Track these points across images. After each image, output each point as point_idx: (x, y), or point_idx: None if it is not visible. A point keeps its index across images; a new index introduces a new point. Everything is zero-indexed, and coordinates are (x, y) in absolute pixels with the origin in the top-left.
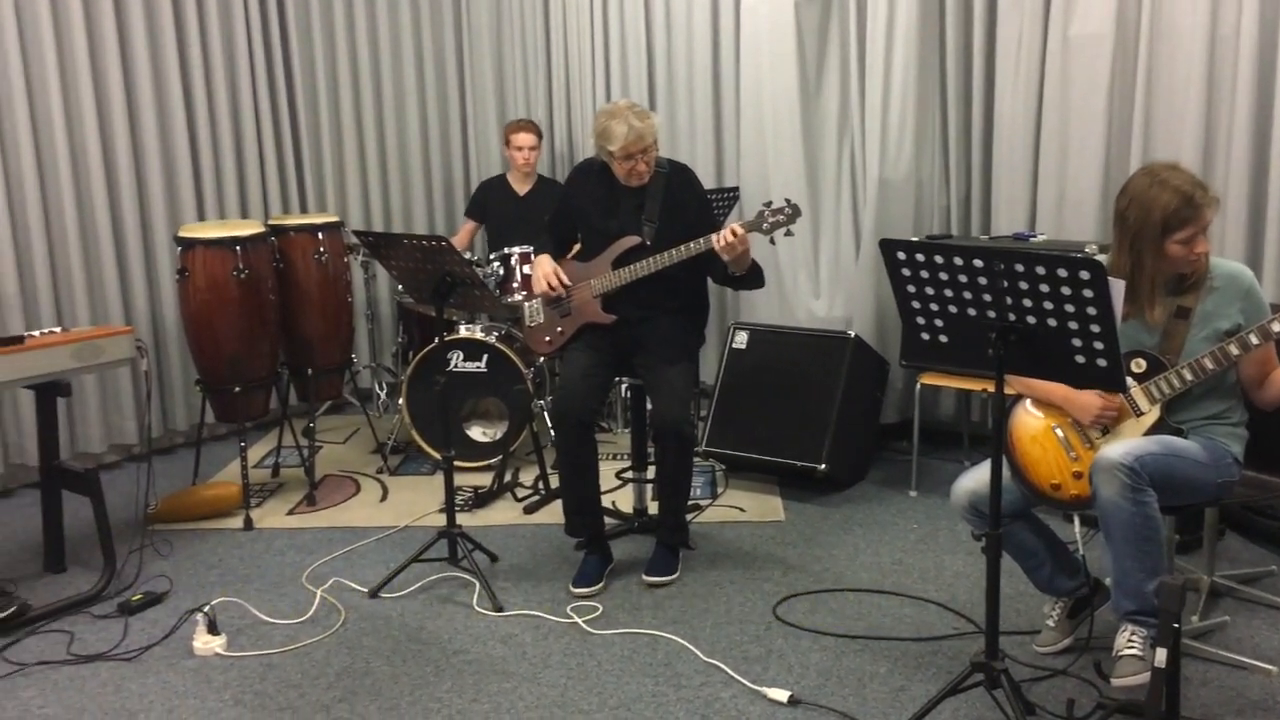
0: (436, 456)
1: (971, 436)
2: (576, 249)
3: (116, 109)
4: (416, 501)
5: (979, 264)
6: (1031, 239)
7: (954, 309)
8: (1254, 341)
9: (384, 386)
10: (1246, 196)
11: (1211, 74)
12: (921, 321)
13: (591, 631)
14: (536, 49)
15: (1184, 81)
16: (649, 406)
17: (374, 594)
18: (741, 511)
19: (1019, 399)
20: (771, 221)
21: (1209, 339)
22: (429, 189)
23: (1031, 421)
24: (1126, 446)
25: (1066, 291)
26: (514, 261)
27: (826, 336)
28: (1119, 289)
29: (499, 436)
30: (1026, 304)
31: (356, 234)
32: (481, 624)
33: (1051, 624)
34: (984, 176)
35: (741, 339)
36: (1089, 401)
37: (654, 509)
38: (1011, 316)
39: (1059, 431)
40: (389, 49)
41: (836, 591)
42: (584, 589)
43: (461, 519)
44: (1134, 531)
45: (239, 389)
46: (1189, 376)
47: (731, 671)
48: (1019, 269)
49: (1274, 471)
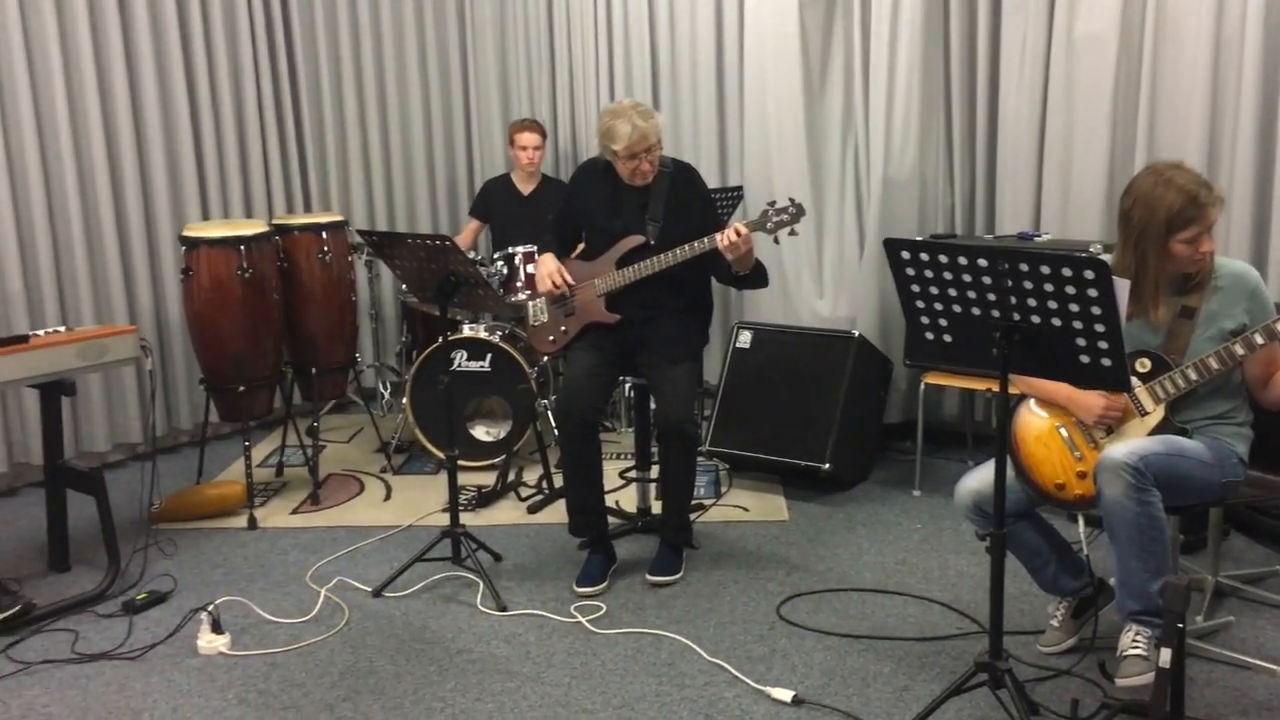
0: (440, 456)
1: (975, 436)
2: (580, 249)
3: (121, 108)
4: (420, 501)
5: (983, 263)
6: (1036, 238)
7: (958, 308)
8: (1259, 341)
9: (388, 386)
10: (1251, 196)
11: (1216, 74)
12: (925, 321)
13: (595, 631)
14: (540, 48)
15: (1188, 81)
16: (653, 406)
17: (378, 593)
18: (745, 511)
19: (1023, 399)
20: (775, 221)
21: (1214, 339)
22: (433, 188)
23: (1036, 421)
24: (1131, 446)
25: (1071, 291)
26: (518, 261)
27: (830, 336)
28: (1123, 288)
29: (503, 436)
30: (1031, 303)
31: (360, 233)
32: (485, 623)
33: (1056, 624)
34: (988, 176)
35: (745, 338)
36: (1092, 401)
37: (658, 508)
38: (1016, 316)
39: (1063, 431)
40: (393, 48)
41: (840, 591)
42: (588, 588)
43: (465, 518)
44: (1138, 531)
45: (243, 388)
46: (1194, 376)
47: (735, 671)
48: (1023, 268)
49: (1279, 471)
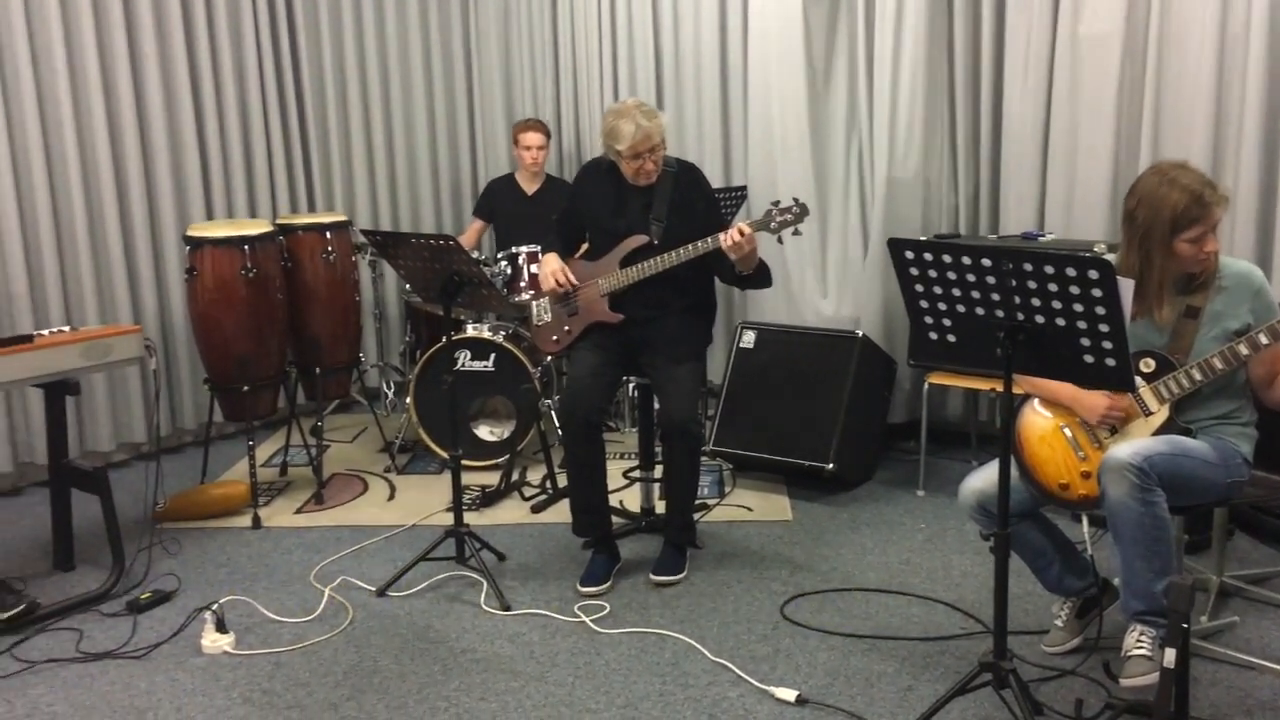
0: (444, 455)
1: (979, 436)
2: (584, 248)
3: (125, 109)
4: (424, 500)
5: (987, 263)
6: (1040, 238)
7: (962, 308)
8: (1264, 341)
9: (391, 385)
10: (1256, 195)
11: (1221, 73)
12: (929, 321)
13: (599, 631)
14: (544, 48)
15: (1193, 80)
16: (656, 406)
17: (382, 592)
18: (749, 511)
19: (1027, 398)
20: (779, 221)
21: (1218, 339)
22: (437, 188)
23: (1040, 421)
24: (1135, 446)
25: (1075, 291)
26: (521, 260)
27: (834, 336)
28: (1128, 288)
29: (506, 435)
30: (1035, 303)
31: (364, 233)
32: (489, 623)
33: (1060, 624)
34: (992, 176)
35: (749, 338)
36: (1095, 401)
37: (661, 508)
38: (1020, 316)
39: (1067, 431)
40: (397, 48)
41: (844, 591)
42: (591, 588)
43: (469, 518)
44: (1143, 531)
45: (247, 388)
46: (1198, 376)
47: (739, 671)
48: (1027, 268)
49: None
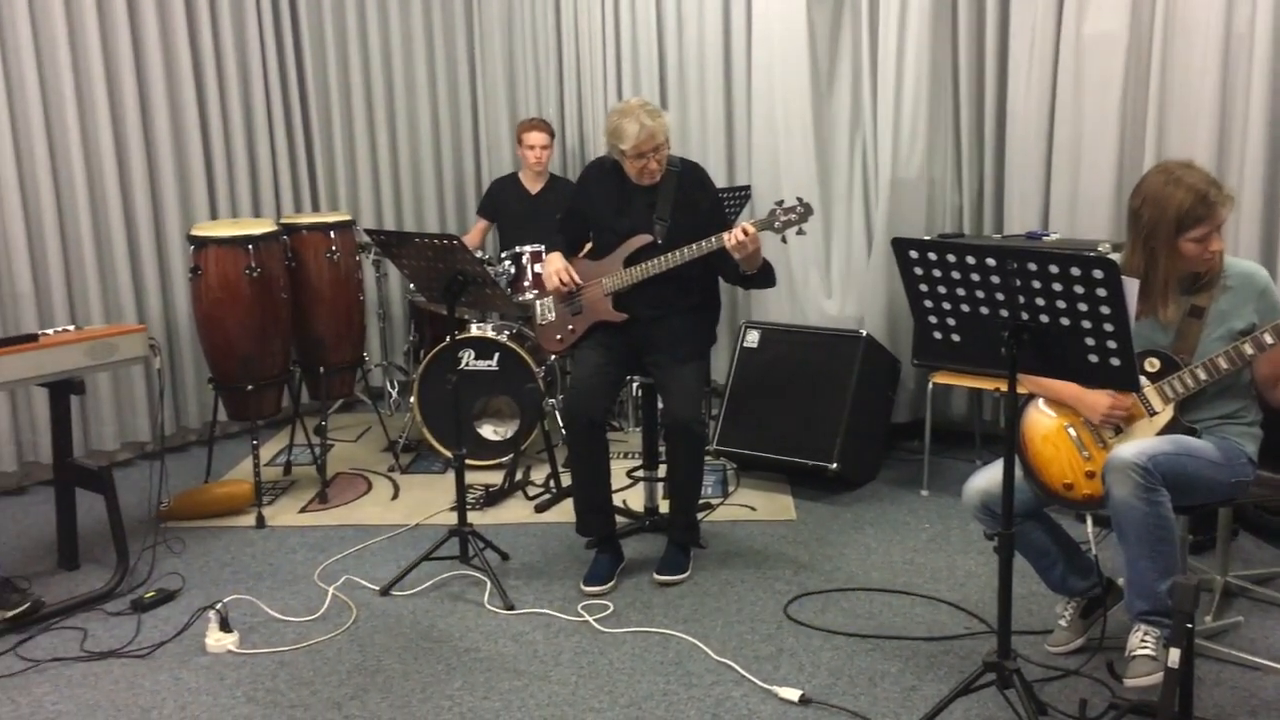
0: (448, 455)
1: (983, 436)
2: (588, 248)
3: (130, 109)
4: (428, 500)
5: (991, 263)
6: (1044, 238)
7: (966, 308)
8: (1268, 341)
9: (395, 385)
10: (1261, 194)
11: (1226, 72)
12: (934, 320)
13: (602, 630)
14: (548, 47)
15: (1198, 79)
16: (660, 405)
17: (385, 592)
18: (753, 510)
19: (1031, 398)
20: (783, 220)
21: (1223, 338)
22: (440, 188)
23: (1044, 421)
24: (1140, 446)
25: (1080, 290)
26: (525, 260)
27: (838, 335)
28: (1132, 288)
29: (510, 435)
30: (1039, 303)
31: (368, 232)
32: (492, 622)
33: (1064, 624)
34: (996, 175)
35: (753, 338)
36: (1098, 400)
37: (665, 508)
38: (1024, 316)
39: (1072, 431)
40: (400, 47)
41: (848, 591)
42: (595, 587)
43: (473, 517)
44: (1147, 531)
45: (251, 387)
46: (1203, 376)
47: (742, 670)
48: (1032, 268)
49: None
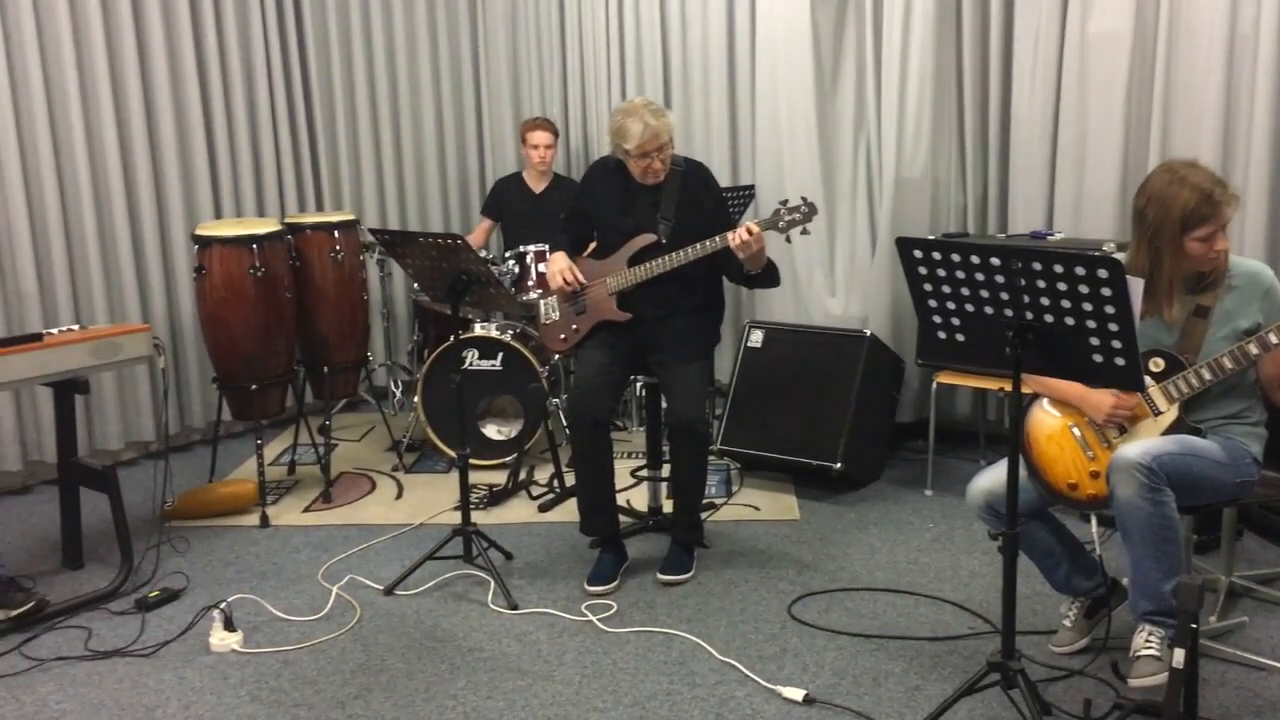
0: (451, 454)
1: (988, 435)
2: (592, 247)
3: (134, 108)
4: (431, 499)
5: (996, 263)
6: (1049, 237)
7: (971, 308)
8: (1274, 341)
9: (399, 384)
10: (1266, 194)
11: (1230, 71)
12: (938, 320)
13: (606, 630)
14: (552, 47)
15: (1203, 78)
16: (664, 405)
17: (389, 591)
18: (756, 510)
19: (1036, 398)
20: (787, 220)
21: (1228, 338)
22: (444, 187)
23: (1049, 420)
24: (1144, 446)
25: (1084, 290)
26: (529, 259)
27: (842, 335)
28: (1137, 287)
29: (514, 434)
30: (1044, 303)
31: (372, 232)
32: (496, 622)
33: (1068, 624)
34: (1001, 175)
35: (757, 337)
36: (1102, 400)
37: (669, 507)
38: (1029, 315)
39: (1076, 431)
40: (405, 47)
41: (852, 591)
42: (599, 587)
43: (476, 517)
44: (1152, 531)
45: (255, 387)
46: (1207, 376)
47: (746, 670)
48: (1036, 268)
49: None
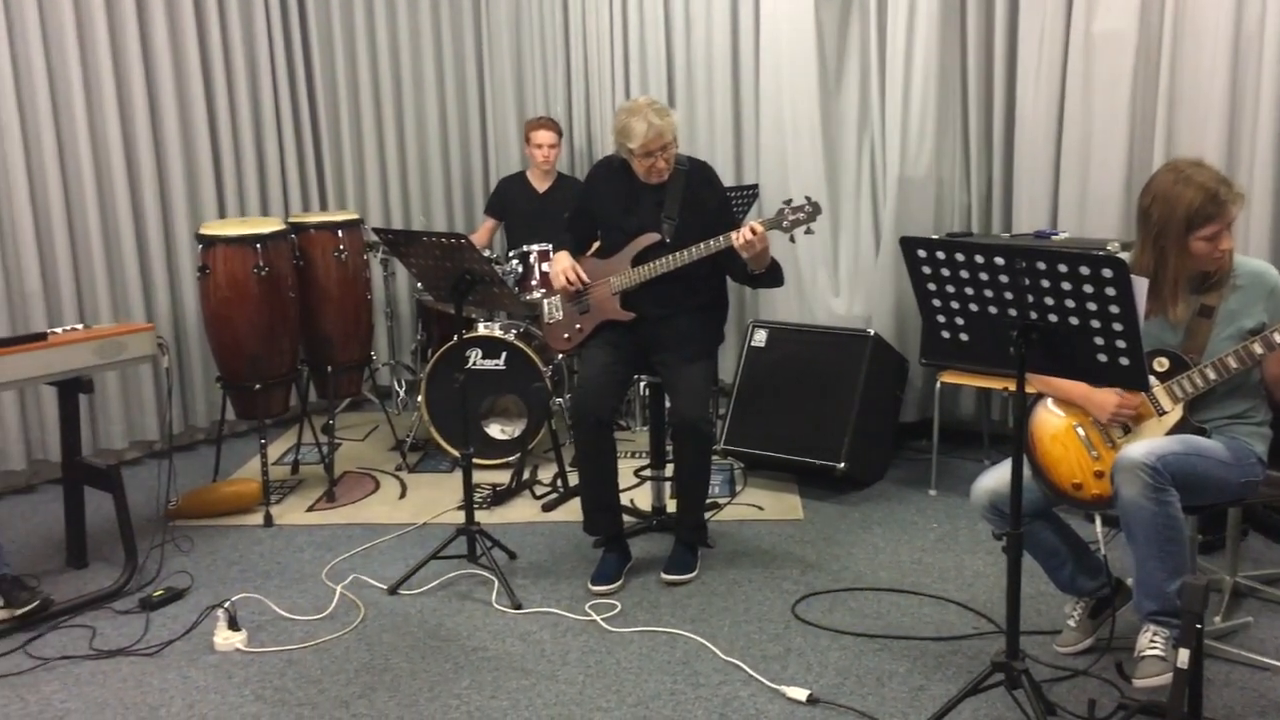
0: (455, 454)
1: (992, 435)
2: (596, 246)
3: (138, 107)
4: (435, 499)
5: (1000, 262)
6: (1053, 237)
7: (975, 307)
8: (1278, 340)
9: (403, 384)
10: (1271, 193)
11: (1235, 70)
12: (942, 320)
13: (610, 629)
14: (556, 46)
15: (1208, 78)
16: (668, 404)
17: (393, 590)
18: (760, 510)
19: (1040, 397)
20: (791, 219)
21: (1233, 338)
22: (448, 187)
23: (1053, 420)
24: (1149, 446)
25: (1089, 290)
26: (533, 259)
27: (846, 335)
28: (1142, 287)
29: (517, 434)
30: (1048, 302)
31: (376, 231)
32: (500, 621)
33: (1073, 624)
34: (1005, 174)
35: (761, 337)
36: (1106, 399)
37: (672, 507)
38: (1033, 315)
39: (1080, 430)
40: (409, 46)
41: (856, 590)
42: (602, 587)
43: (480, 516)
44: (1156, 531)
45: (259, 386)
46: (1212, 375)
47: (750, 670)
48: (1040, 267)
49: None
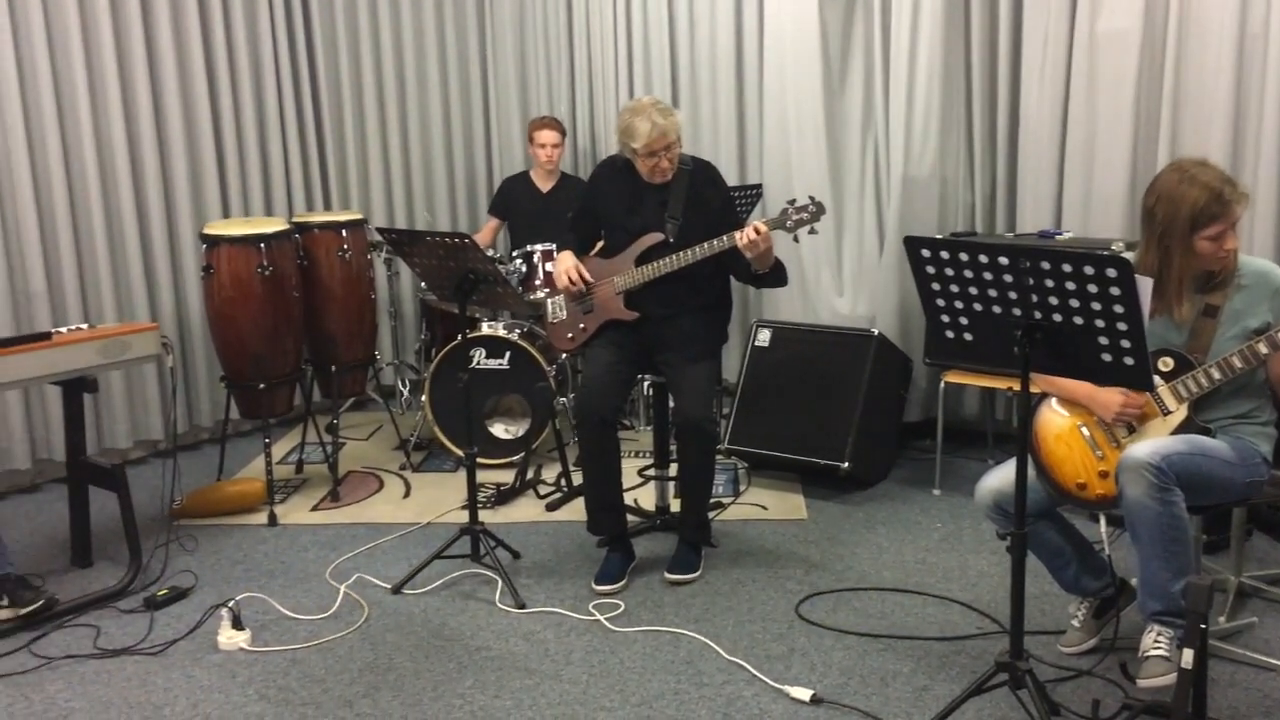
0: (459, 453)
1: (996, 435)
2: (600, 246)
3: (143, 107)
4: (439, 498)
5: (1004, 262)
6: (1057, 236)
7: (979, 307)
8: None
9: (407, 383)
10: (1275, 193)
11: (1240, 70)
12: (946, 319)
13: (613, 629)
14: (559, 46)
15: (1212, 77)
16: (671, 404)
17: (397, 590)
18: (764, 509)
19: (1044, 397)
20: (795, 219)
21: (1237, 337)
22: (452, 186)
23: (1057, 420)
24: (1153, 445)
25: (1093, 289)
26: (536, 259)
27: (850, 334)
28: (1146, 286)
29: (521, 434)
30: (1052, 302)
31: (380, 231)
32: (504, 621)
33: (1077, 624)
34: (1009, 173)
35: (764, 337)
36: (1110, 398)
37: (676, 507)
38: (1037, 314)
39: (1085, 430)
40: (413, 45)
41: (859, 590)
42: (606, 586)
43: (484, 516)
44: (1161, 531)
45: (263, 385)
46: (1217, 375)
47: (754, 670)
48: (1045, 267)
49: None
